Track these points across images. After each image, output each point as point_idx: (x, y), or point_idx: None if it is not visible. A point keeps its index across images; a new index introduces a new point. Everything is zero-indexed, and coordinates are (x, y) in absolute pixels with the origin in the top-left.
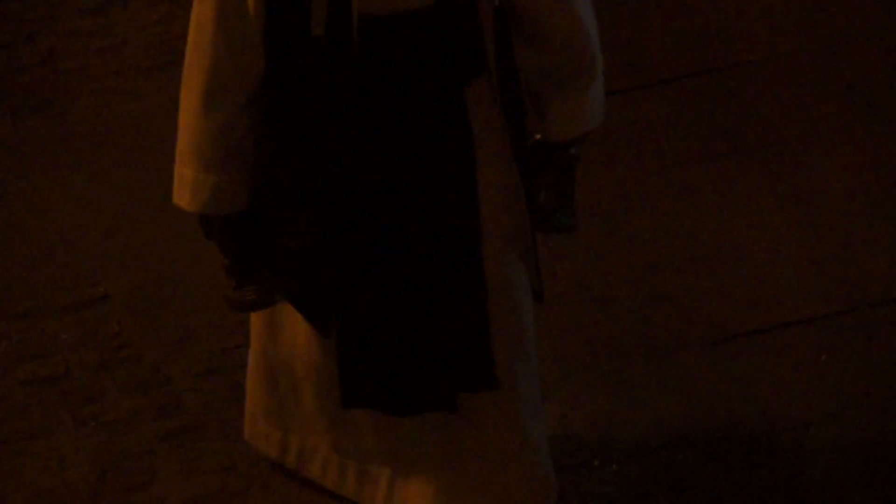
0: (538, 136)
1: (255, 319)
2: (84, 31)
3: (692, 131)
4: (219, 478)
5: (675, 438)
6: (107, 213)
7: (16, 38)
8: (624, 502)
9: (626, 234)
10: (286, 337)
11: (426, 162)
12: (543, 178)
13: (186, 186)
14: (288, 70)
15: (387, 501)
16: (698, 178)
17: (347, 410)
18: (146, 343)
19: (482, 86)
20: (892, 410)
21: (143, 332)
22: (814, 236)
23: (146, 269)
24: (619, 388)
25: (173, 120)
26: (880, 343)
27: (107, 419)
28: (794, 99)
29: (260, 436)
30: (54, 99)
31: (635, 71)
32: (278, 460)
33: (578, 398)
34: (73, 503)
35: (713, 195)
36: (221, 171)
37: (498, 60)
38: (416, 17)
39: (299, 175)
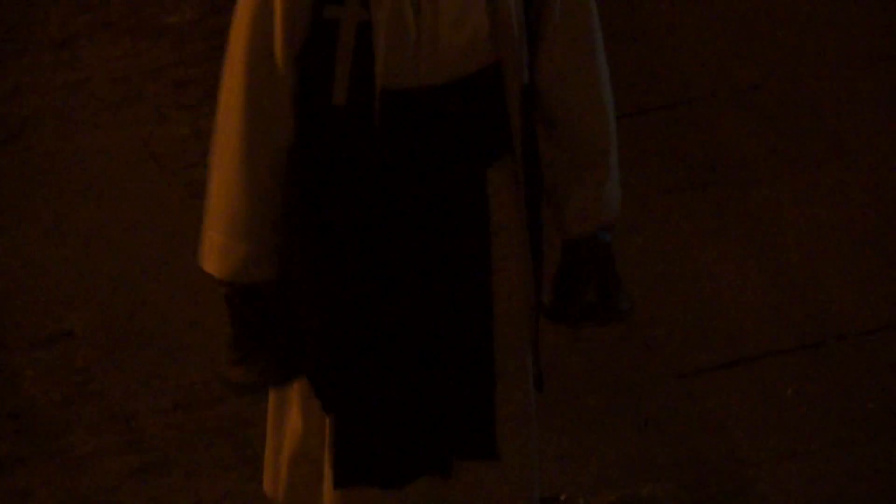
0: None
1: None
2: (49, 66)
3: (658, 164)
4: None
5: (643, 472)
6: (72, 247)
7: None
8: None
9: None
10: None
11: (443, 240)
12: (582, 274)
13: (215, 252)
14: (311, 139)
15: None
16: (664, 211)
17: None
18: (111, 379)
19: (505, 168)
20: (861, 444)
21: (108, 367)
22: (779, 269)
23: (112, 304)
24: (587, 421)
25: (138, 154)
26: (847, 376)
27: (72, 455)
28: (759, 131)
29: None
30: (20, 133)
31: None
32: None
33: (546, 432)
34: None
35: (679, 228)
36: (252, 239)
37: (524, 141)
38: (440, 92)
39: (318, 246)
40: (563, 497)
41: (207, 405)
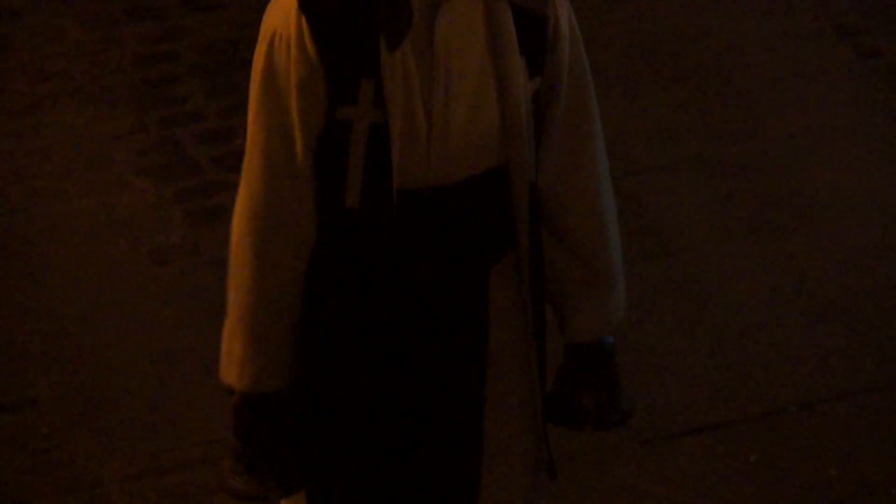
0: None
1: None
2: (12, 133)
3: None
4: None
5: None
6: (36, 315)
7: None
8: None
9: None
10: None
11: (440, 335)
12: (585, 378)
13: (235, 364)
14: (324, 241)
15: None
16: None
17: None
18: (76, 446)
19: (508, 265)
20: None
21: (73, 435)
22: (741, 336)
23: (77, 371)
24: (552, 490)
25: (102, 221)
26: (810, 443)
27: None
28: (694, 202)
29: None
30: None
31: None
32: None
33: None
34: None
35: (633, 298)
36: (272, 350)
37: (530, 239)
38: (451, 191)
39: (324, 347)
40: None
41: (173, 473)
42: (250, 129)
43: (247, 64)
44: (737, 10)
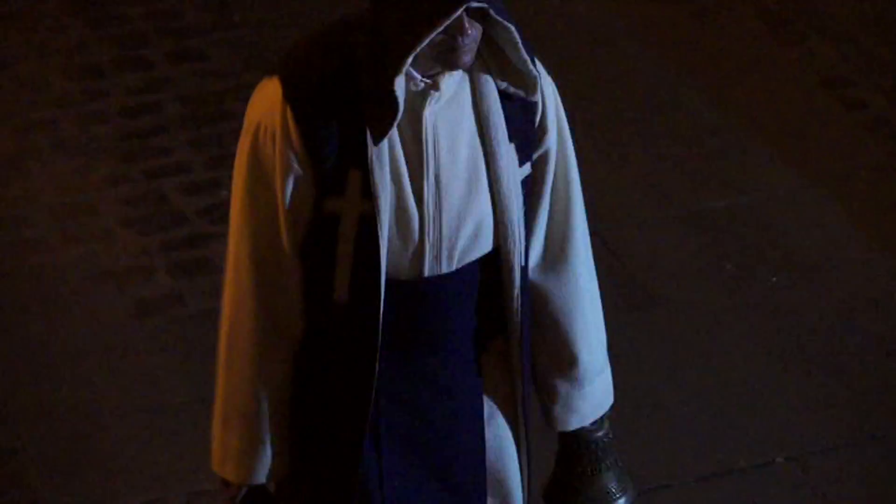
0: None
1: None
2: (0, 182)
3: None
4: None
5: None
6: (21, 365)
7: None
8: None
9: None
10: None
11: (436, 424)
12: (577, 466)
13: (232, 458)
14: (312, 333)
15: None
16: (608, 331)
17: None
18: (61, 496)
19: (498, 351)
20: None
21: (57, 487)
22: (728, 388)
23: (62, 422)
24: None
25: (88, 271)
26: (797, 495)
27: None
28: (680, 255)
29: None
30: None
31: None
32: None
33: None
34: None
35: (622, 350)
36: (270, 442)
37: (521, 321)
38: (444, 280)
39: (313, 438)
40: None
41: None
42: (235, 220)
43: (232, 115)
44: (723, 61)
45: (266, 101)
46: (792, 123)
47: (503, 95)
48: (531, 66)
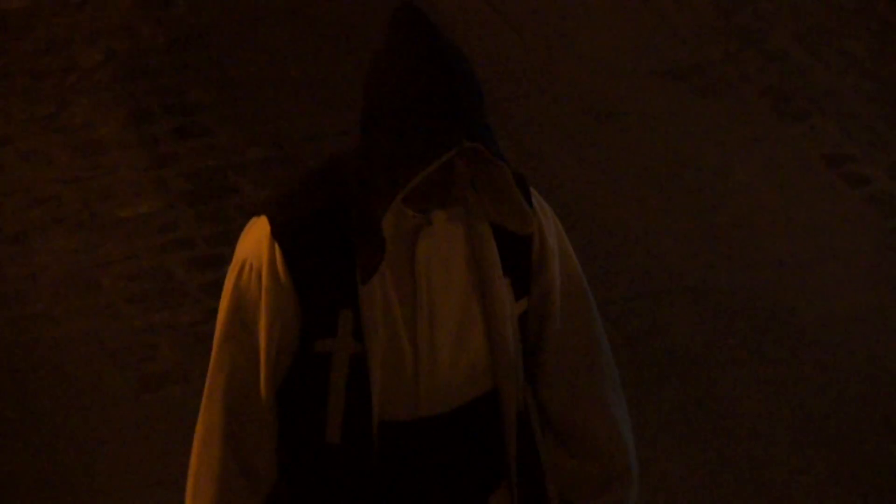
0: None
1: None
2: (2, 259)
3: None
4: None
5: None
6: (25, 441)
7: None
8: None
9: None
10: None
11: None
12: None
13: None
14: (299, 477)
15: None
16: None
17: None
18: None
19: (506, 495)
20: None
21: None
22: (711, 466)
23: (66, 499)
24: None
25: (92, 347)
26: None
27: None
28: (686, 329)
29: None
30: None
31: None
32: None
33: None
34: None
35: (638, 422)
36: None
37: (520, 466)
38: (438, 422)
39: None
40: None
41: None
42: (214, 358)
43: (236, 190)
44: (726, 137)
45: (253, 240)
46: (796, 199)
47: (497, 229)
48: (524, 203)
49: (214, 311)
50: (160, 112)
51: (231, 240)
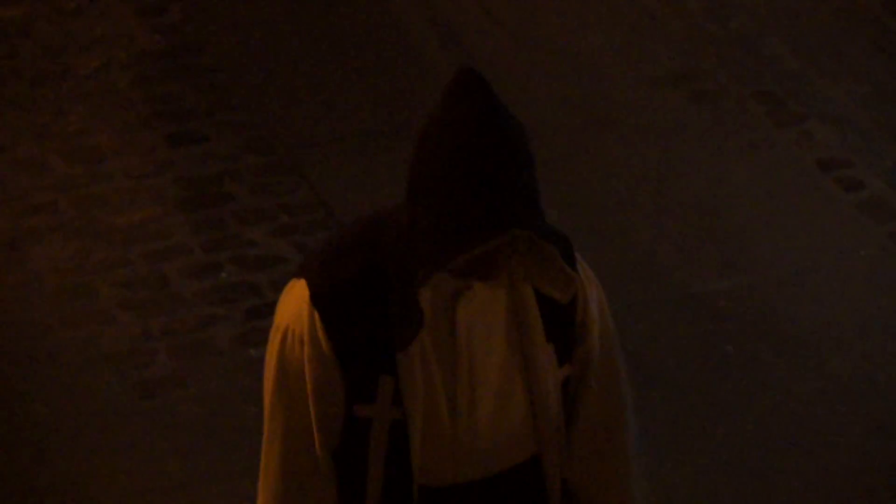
0: None
1: None
2: None
3: None
4: None
5: None
6: (20, 448)
7: None
8: None
9: None
10: None
11: None
12: None
13: None
14: None
15: None
16: None
17: None
18: None
19: None
20: None
21: None
22: (706, 473)
23: None
24: None
25: (88, 354)
26: None
27: None
28: (679, 335)
29: None
30: None
31: None
32: None
33: None
34: None
35: None
36: None
37: None
38: (479, 487)
39: None
40: None
41: None
42: (267, 427)
43: (232, 197)
44: (721, 142)
45: (293, 305)
46: (790, 204)
47: (540, 293)
48: (568, 268)
49: (211, 318)
50: (156, 119)
51: (227, 247)
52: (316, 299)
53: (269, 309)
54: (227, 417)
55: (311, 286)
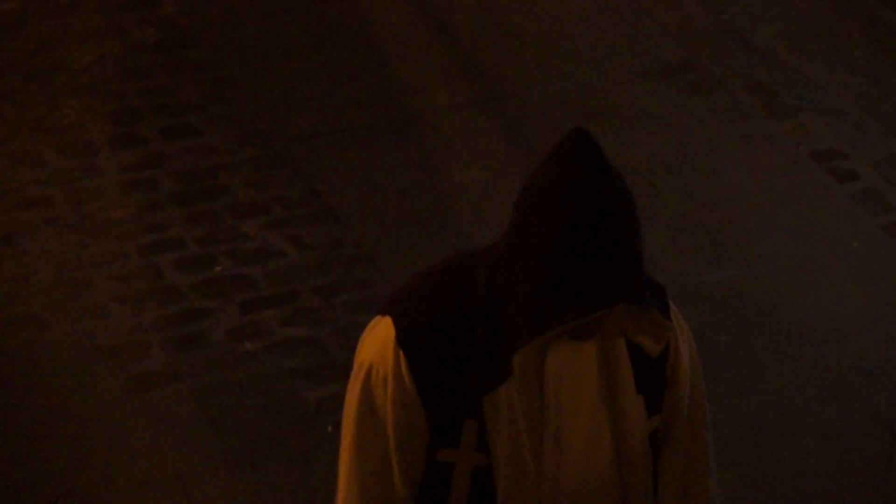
0: None
1: None
2: None
3: None
4: None
5: None
6: (15, 442)
7: None
8: None
9: None
10: None
11: None
12: None
13: None
14: None
15: None
16: None
17: None
18: None
19: None
20: None
21: None
22: (716, 459)
23: (56, 499)
24: None
25: (82, 347)
26: None
27: None
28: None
29: None
30: None
31: None
32: None
33: None
34: None
35: None
36: None
37: None
38: None
39: None
40: None
41: None
42: (345, 465)
43: (226, 190)
44: (715, 134)
45: (378, 343)
46: (785, 196)
47: (631, 343)
48: (664, 322)
49: (205, 311)
50: (150, 112)
51: (221, 240)
52: (401, 339)
53: (263, 302)
54: (222, 410)
55: (397, 325)
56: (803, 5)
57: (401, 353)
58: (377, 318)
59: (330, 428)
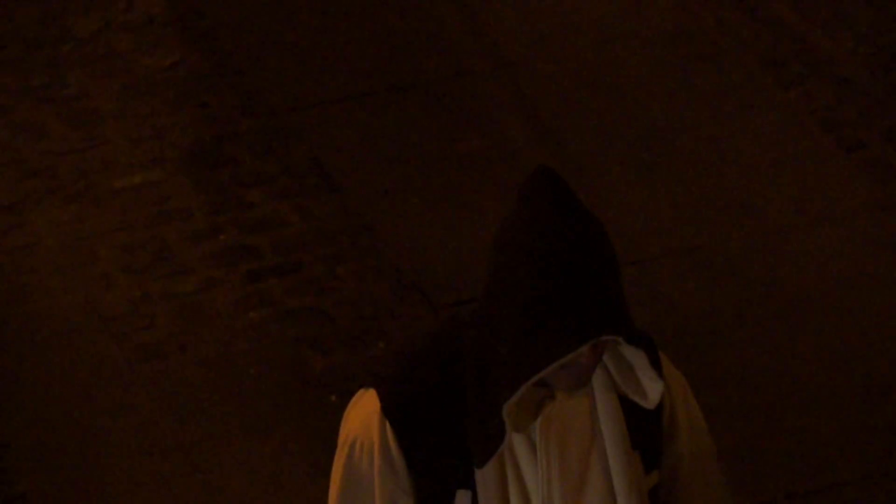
0: None
1: None
2: None
3: None
4: None
5: None
6: (22, 410)
7: None
8: None
9: None
10: None
11: None
12: None
13: None
14: None
15: None
16: None
17: None
18: None
19: None
20: None
21: None
22: (737, 422)
23: (63, 467)
24: None
25: (87, 318)
26: None
27: None
28: (681, 291)
29: None
30: None
31: None
32: None
33: None
34: None
35: None
36: None
37: None
38: None
39: None
40: None
41: None
42: None
43: (231, 160)
44: (721, 103)
45: (362, 416)
46: (791, 164)
47: (625, 400)
48: (655, 376)
49: (211, 281)
50: (155, 82)
51: (226, 210)
52: (388, 410)
53: (268, 272)
54: (226, 380)
55: (381, 397)
56: None
57: (387, 425)
58: (360, 392)
59: (333, 398)
